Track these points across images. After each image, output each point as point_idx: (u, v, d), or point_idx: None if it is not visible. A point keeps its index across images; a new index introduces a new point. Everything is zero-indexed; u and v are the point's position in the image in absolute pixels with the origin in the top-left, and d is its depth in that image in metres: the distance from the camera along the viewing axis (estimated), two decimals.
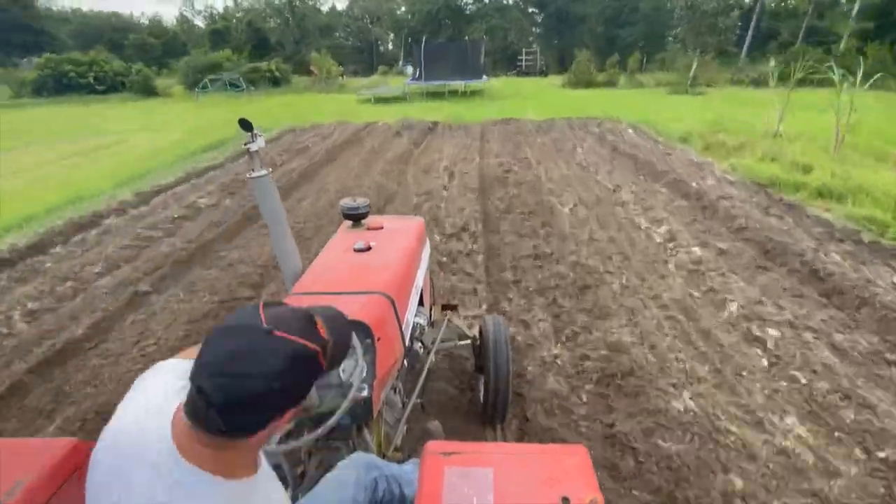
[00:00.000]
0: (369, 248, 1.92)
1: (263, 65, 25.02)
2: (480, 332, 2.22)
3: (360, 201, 2.17)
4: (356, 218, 2.18)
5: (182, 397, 0.70)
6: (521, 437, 2.20)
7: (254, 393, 0.65)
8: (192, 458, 0.71)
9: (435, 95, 17.75)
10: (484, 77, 19.11)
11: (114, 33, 39.81)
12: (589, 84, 21.83)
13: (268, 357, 0.67)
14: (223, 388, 0.64)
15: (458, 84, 17.86)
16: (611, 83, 22.18)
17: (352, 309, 1.38)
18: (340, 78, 25.84)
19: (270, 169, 1.80)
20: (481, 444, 1.18)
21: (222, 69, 23.51)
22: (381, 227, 2.15)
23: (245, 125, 1.64)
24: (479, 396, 2.26)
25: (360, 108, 15.34)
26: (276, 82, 24.39)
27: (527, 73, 34.46)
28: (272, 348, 0.68)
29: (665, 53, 27.56)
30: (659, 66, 25.67)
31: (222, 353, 0.67)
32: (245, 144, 1.70)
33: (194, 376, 0.66)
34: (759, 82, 18.59)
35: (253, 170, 1.74)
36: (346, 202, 2.17)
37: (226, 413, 0.65)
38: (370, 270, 1.77)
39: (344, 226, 2.22)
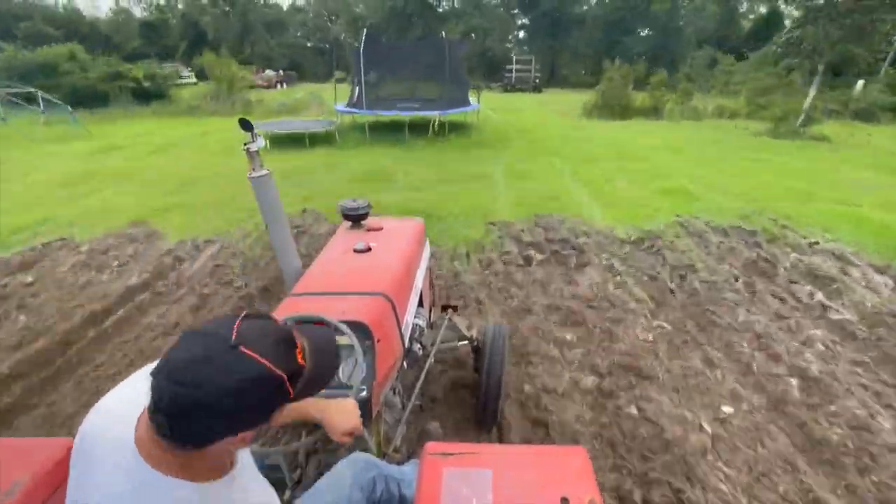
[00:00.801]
0: (369, 249, 1.92)
1: (128, 68, 17.72)
2: (481, 335, 2.18)
3: (360, 202, 2.17)
4: (356, 219, 2.19)
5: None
6: None
7: (201, 406, 0.63)
8: (152, 460, 0.71)
9: (386, 134, 10.34)
10: (474, 103, 11.72)
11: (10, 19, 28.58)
12: (625, 112, 14.98)
13: (224, 372, 0.64)
14: (173, 394, 0.63)
15: (431, 115, 10.21)
16: (655, 111, 15.21)
17: (351, 309, 1.49)
18: (280, 86, 22.11)
19: (271, 169, 1.82)
20: (480, 445, 1.19)
21: (58, 74, 14.35)
22: (381, 229, 2.16)
23: (245, 125, 1.70)
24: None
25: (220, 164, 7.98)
26: (145, 96, 16.90)
27: (518, 88, 26.46)
28: (231, 363, 0.65)
29: (695, 63, 20.21)
30: (684, 80, 19.47)
31: (181, 359, 0.65)
32: (245, 145, 1.75)
33: (153, 375, 0.65)
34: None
35: (253, 169, 1.79)
36: (347, 202, 2.17)
37: (172, 420, 0.64)
38: (370, 271, 1.78)
39: (344, 226, 2.22)
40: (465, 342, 2.26)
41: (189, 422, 0.64)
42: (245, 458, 0.84)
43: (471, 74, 18.40)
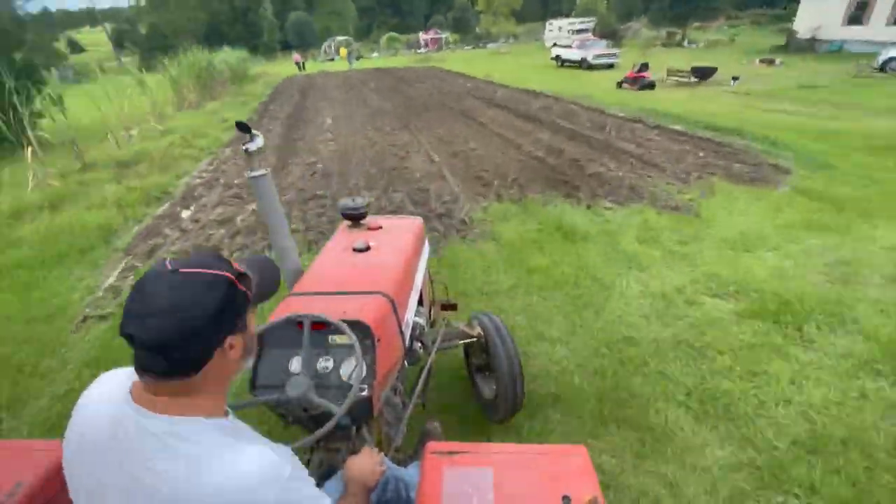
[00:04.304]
0: (368, 249, 1.92)
1: None
2: (483, 332, 2.16)
3: (360, 201, 2.17)
4: (355, 218, 2.19)
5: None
6: None
7: (179, 326, 0.70)
8: (159, 410, 0.74)
9: None
10: None
11: None
12: None
13: (178, 291, 0.72)
14: (150, 328, 0.69)
15: None
16: None
17: (351, 309, 1.47)
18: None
19: (269, 168, 1.82)
20: (481, 445, 1.20)
21: None
22: (380, 227, 2.15)
23: (242, 127, 1.66)
24: (481, 393, 2.28)
25: None
26: None
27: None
28: (181, 283, 0.73)
29: None
30: None
31: (138, 300, 0.72)
32: (244, 145, 1.72)
33: (122, 329, 0.70)
34: None
35: (252, 169, 1.77)
36: (346, 202, 2.17)
37: (162, 351, 0.70)
38: (369, 270, 1.77)
39: (343, 226, 2.22)
40: (467, 340, 2.24)
41: (178, 345, 0.71)
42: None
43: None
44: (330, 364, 1.38)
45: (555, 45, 25.65)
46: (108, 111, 10.98)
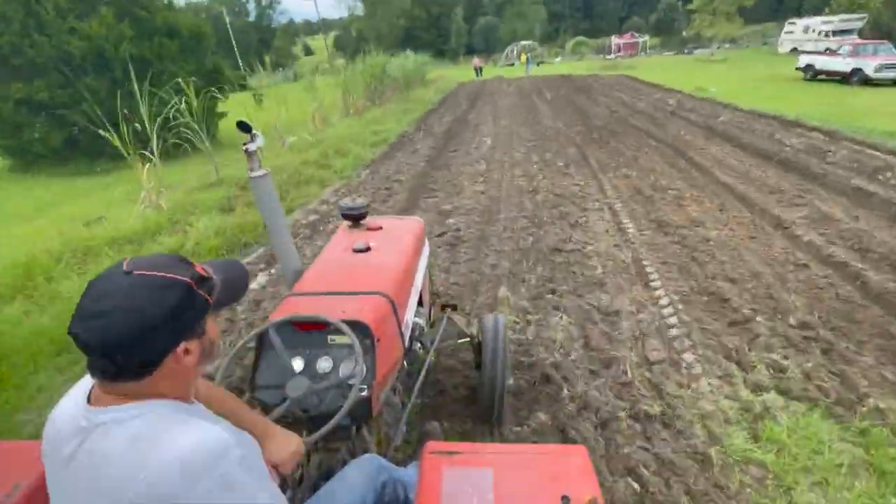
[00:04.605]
0: (368, 249, 2.06)
1: None
2: (480, 331, 2.35)
3: (360, 202, 2.34)
4: (355, 218, 2.34)
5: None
6: None
7: (124, 329, 0.74)
8: (109, 404, 0.81)
9: None
10: None
11: None
12: None
13: (129, 293, 0.76)
14: (94, 330, 0.74)
15: None
16: None
17: (351, 309, 1.58)
18: None
19: (269, 169, 2.04)
20: (480, 445, 1.29)
21: None
22: (381, 228, 2.31)
23: (243, 127, 1.85)
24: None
25: None
26: None
27: None
28: (132, 285, 0.78)
29: None
30: None
31: (87, 300, 0.78)
32: (244, 145, 1.92)
33: (70, 329, 0.77)
34: None
35: (252, 169, 1.96)
36: (346, 203, 2.36)
37: (107, 354, 0.75)
38: (369, 271, 1.92)
39: (343, 226, 2.40)
40: (466, 340, 2.36)
41: (123, 349, 0.75)
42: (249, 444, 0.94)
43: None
44: (329, 364, 1.53)
45: (794, 49, 22.32)
46: (282, 113, 12.23)
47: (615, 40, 46.64)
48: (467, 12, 60.71)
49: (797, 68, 18.92)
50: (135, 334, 0.72)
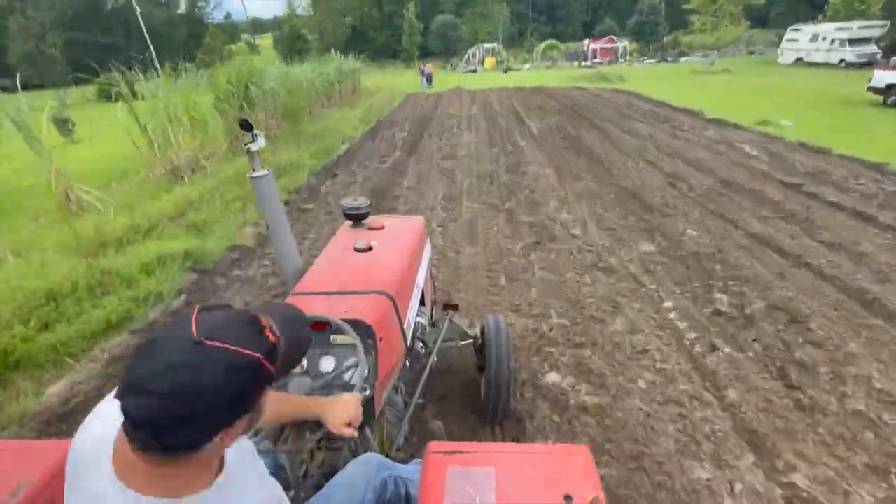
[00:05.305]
0: (370, 248, 2.11)
1: None
2: (482, 332, 2.48)
3: (361, 201, 2.35)
4: (357, 218, 2.36)
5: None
6: None
7: (184, 410, 0.67)
8: (135, 482, 0.75)
9: None
10: None
11: None
12: None
13: (195, 371, 0.68)
14: (148, 407, 0.66)
15: None
16: None
17: (353, 309, 1.62)
18: None
19: (271, 169, 2.02)
20: (483, 444, 1.31)
21: None
22: (382, 227, 2.35)
23: (245, 126, 1.82)
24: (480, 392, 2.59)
25: None
26: None
27: None
28: (201, 360, 0.69)
29: None
30: None
31: (146, 371, 0.68)
32: (246, 145, 1.89)
33: (120, 396, 0.68)
34: None
35: (254, 169, 1.95)
36: (348, 202, 2.37)
37: (157, 433, 0.67)
38: (371, 270, 1.96)
39: (345, 225, 2.44)
40: (468, 341, 2.48)
41: (176, 429, 0.68)
42: (232, 455, 0.89)
43: None
44: (332, 364, 1.58)
45: (799, 59, 20.24)
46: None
47: (591, 44, 40.81)
48: (423, 10, 52.56)
49: (869, 88, 13.23)
50: (191, 419, 0.66)
